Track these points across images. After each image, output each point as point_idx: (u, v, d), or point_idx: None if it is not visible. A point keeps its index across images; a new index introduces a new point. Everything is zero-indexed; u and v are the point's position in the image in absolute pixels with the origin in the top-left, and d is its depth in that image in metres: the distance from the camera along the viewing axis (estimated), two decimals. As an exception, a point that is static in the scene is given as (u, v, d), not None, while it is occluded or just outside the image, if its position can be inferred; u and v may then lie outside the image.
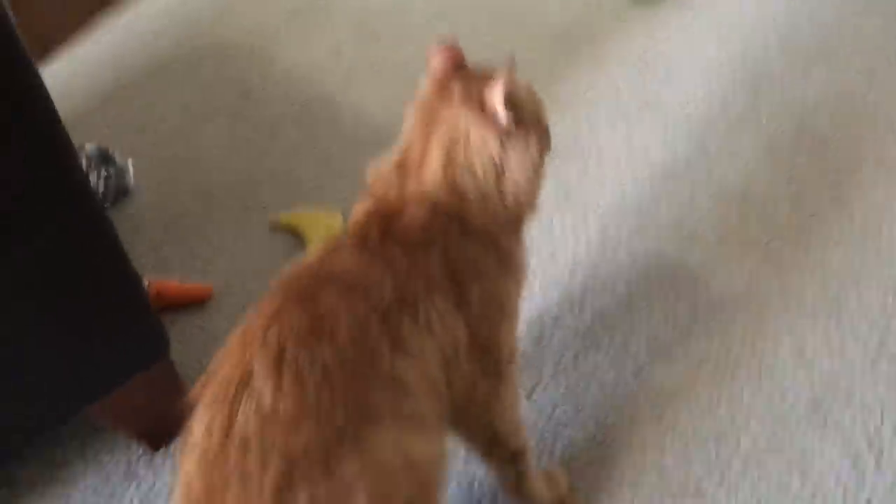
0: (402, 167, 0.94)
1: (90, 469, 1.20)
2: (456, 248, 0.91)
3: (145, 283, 1.34)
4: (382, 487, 0.80)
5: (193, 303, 1.40)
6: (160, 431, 1.21)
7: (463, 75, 0.96)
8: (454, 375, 0.90)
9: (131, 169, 1.61)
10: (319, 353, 0.80)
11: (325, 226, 1.49)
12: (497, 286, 0.94)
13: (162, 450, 1.21)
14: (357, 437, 0.79)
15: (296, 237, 1.50)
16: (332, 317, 0.82)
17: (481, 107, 0.91)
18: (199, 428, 0.80)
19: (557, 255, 1.37)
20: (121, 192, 1.58)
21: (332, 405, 0.79)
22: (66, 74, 2.08)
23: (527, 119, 0.92)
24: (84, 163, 1.53)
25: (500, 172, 0.92)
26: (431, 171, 0.92)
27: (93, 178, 1.53)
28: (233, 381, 0.80)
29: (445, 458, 0.90)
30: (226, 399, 0.79)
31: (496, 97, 0.89)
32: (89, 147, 1.56)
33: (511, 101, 0.90)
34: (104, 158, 1.56)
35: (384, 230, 0.90)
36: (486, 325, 0.92)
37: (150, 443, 1.21)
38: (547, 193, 1.28)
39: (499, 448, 1.01)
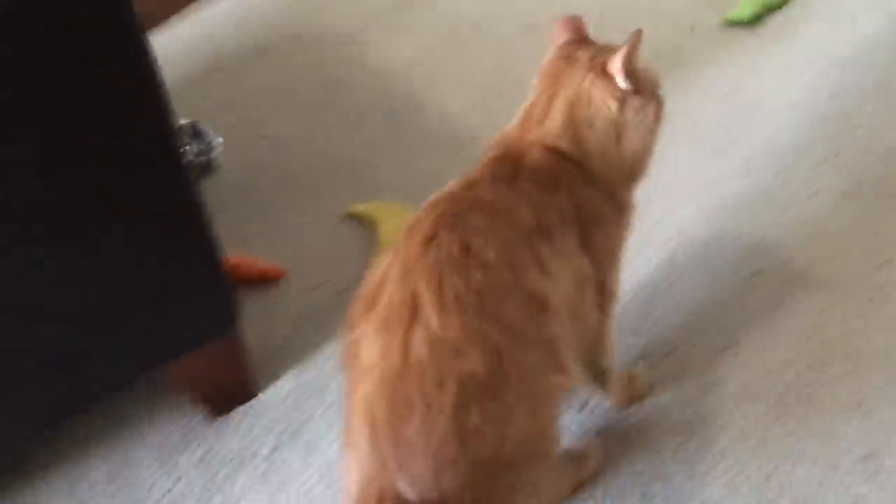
0: (525, 121, 1.04)
1: (152, 429, 1.26)
2: (582, 192, 1.01)
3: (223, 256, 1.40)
4: (534, 408, 0.92)
5: (265, 281, 1.45)
6: (222, 398, 1.26)
7: (589, 45, 1.07)
8: (585, 305, 1.01)
9: (220, 146, 1.67)
10: (473, 276, 0.89)
11: (398, 220, 1.52)
12: (613, 232, 1.05)
13: (221, 416, 1.26)
14: (512, 360, 0.89)
15: (368, 229, 1.54)
16: (481, 238, 0.91)
17: (604, 73, 1.01)
18: (374, 352, 0.89)
19: (622, 275, 1.37)
20: (208, 167, 1.65)
21: (489, 328, 0.88)
22: (165, 49, 2.17)
23: (644, 88, 1.02)
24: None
25: (619, 132, 1.01)
26: (554, 124, 1.02)
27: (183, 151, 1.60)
28: (403, 306, 0.88)
29: (572, 385, 1.01)
30: (399, 325, 0.88)
31: (616, 65, 1.00)
32: (183, 121, 1.63)
33: (629, 70, 0.99)
34: (196, 133, 1.63)
35: (514, 170, 1.00)
36: (602, 266, 1.03)
37: (211, 408, 1.26)
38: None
39: (594, 365, 1.10)
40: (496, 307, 0.89)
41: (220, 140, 1.68)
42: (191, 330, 1.17)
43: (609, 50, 1.03)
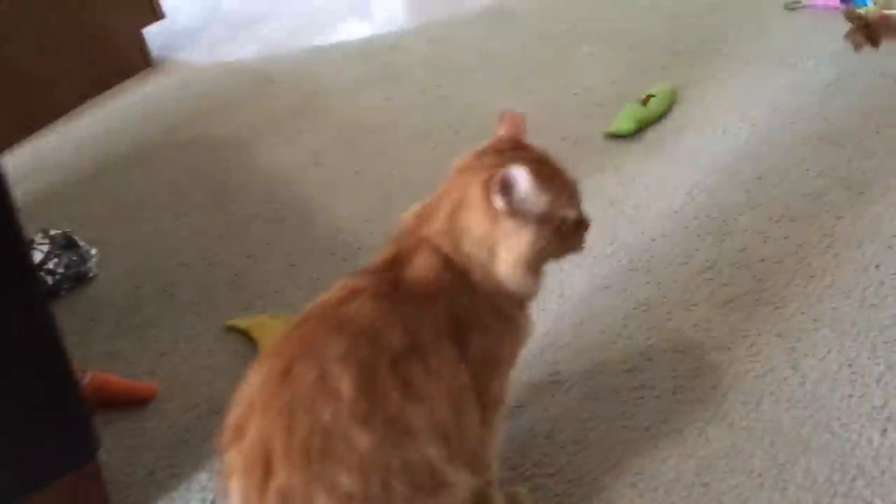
0: (422, 211, 1.01)
1: (-2, 571, 1.15)
2: (461, 302, 0.97)
3: (88, 376, 1.32)
4: None
5: (134, 402, 1.37)
6: (77, 537, 1.17)
7: (515, 147, 1.02)
8: (464, 418, 0.96)
9: (95, 257, 1.61)
10: (323, 413, 0.86)
11: (278, 333, 1.48)
12: (496, 342, 1.01)
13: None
14: (371, 498, 0.86)
15: (249, 341, 1.49)
16: (338, 366, 0.88)
17: (487, 184, 0.95)
18: (239, 500, 0.87)
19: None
20: (81, 278, 1.57)
21: (336, 472, 0.85)
22: (52, 151, 2.11)
23: (527, 212, 0.96)
24: (47, 247, 1.53)
25: (492, 249, 0.97)
26: (439, 223, 0.98)
27: (53, 263, 1.53)
28: (261, 452, 0.86)
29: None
30: (257, 472, 0.85)
31: (495, 180, 0.93)
32: (54, 232, 1.57)
33: (508, 190, 0.93)
34: (68, 244, 1.56)
35: (395, 279, 0.97)
36: (482, 375, 0.98)
37: (64, 549, 1.16)
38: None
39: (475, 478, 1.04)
40: (345, 446, 0.86)
41: (95, 251, 1.61)
42: (42, 462, 1.08)
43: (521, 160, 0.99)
